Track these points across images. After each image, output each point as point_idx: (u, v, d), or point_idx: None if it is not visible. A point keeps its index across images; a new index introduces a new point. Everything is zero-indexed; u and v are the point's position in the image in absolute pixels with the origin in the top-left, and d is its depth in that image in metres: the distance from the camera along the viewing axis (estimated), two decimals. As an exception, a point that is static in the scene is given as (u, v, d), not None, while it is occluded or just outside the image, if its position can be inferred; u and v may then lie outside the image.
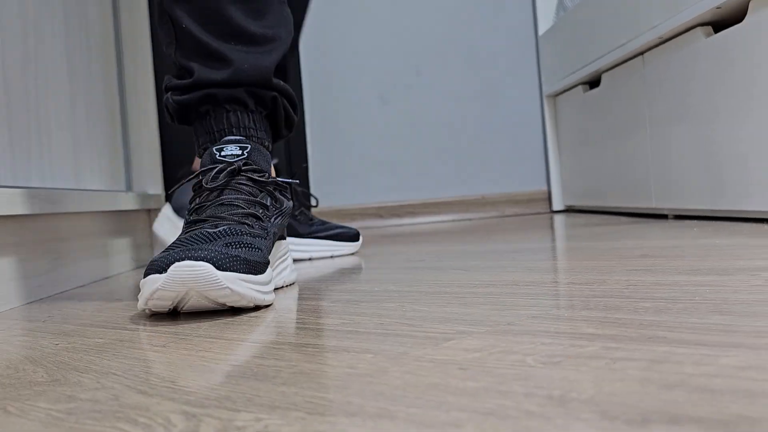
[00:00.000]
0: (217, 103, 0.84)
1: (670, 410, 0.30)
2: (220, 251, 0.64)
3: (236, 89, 0.84)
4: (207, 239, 0.67)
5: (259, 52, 0.86)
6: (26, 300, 0.90)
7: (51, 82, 1.11)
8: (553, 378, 0.36)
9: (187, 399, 0.38)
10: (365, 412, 0.33)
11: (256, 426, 0.33)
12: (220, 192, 0.76)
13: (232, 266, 0.64)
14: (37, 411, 0.39)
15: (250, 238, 0.71)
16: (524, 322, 0.51)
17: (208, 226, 0.71)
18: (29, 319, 0.75)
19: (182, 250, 0.64)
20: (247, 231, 0.72)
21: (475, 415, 0.31)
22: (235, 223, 0.72)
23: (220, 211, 0.74)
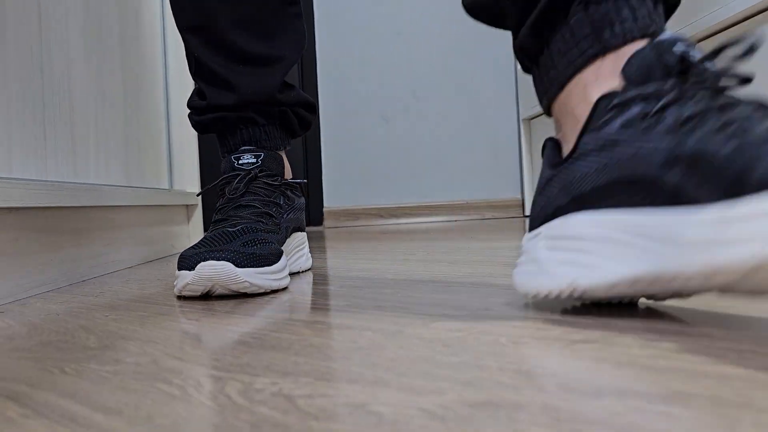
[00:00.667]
0: (229, 124, 0.82)
1: (619, 385, 0.30)
2: (238, 250, 0.64)
3: (244, 111, 0.81)
4: (227, 238, 0.67)
5: (265, 73, 0.81)
6: (82, 278, 0.90)
7: (108, 95, 1.11)
8: (522, 355, 0.36)
9: (214, 365, 0.38)
10: (364, 380, 0.33)
11: (272, 389, 0.33)
12: (240, 196, 0.76)
13: (249, 263, 0.64)
14: (88, 371, 0.39)
15: (264, 234, 0.70)
16: (499, 308, 0.51)
17: (228, 225, 0.71)
18: (84, 294, 0.75)
19: (206, 250, 0.64)
20: (262, 228, 0.72)
21: (456, 384, 0.31)
22: (252, 222, 0.72)
23: (239, 212, 0.74)
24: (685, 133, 0.38)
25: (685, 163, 0.37)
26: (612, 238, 0.41)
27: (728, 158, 0.34)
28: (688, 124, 0.38)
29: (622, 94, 0.43)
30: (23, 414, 0.31)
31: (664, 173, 0.38)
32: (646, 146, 0.40)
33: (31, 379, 0.38)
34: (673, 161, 0.38)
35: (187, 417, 0.29)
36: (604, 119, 0.44)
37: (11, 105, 0.77)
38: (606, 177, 0.43)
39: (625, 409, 0.27)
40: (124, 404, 0.32)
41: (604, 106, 0.44)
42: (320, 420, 0.28)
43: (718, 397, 0.27)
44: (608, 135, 0.43)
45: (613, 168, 0.42)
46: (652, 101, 0.41)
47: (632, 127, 0.41)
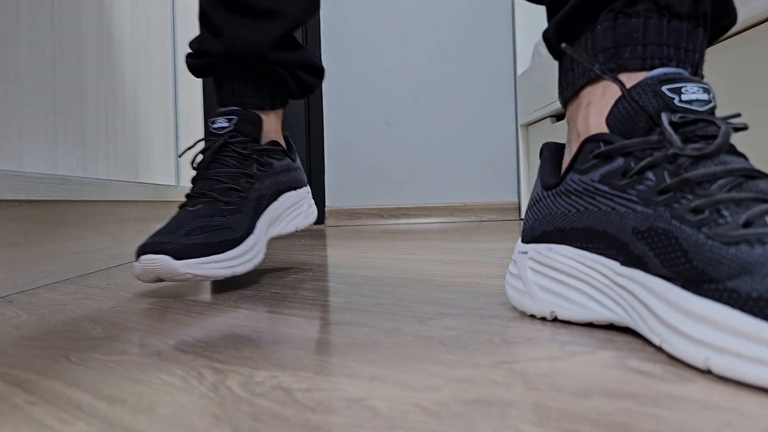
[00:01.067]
0: (217, 73, 0.76)
1: (609, 386, 0.30)
2: (179, 242, 0.62)
3: (231, 61, 0.74)
4: (181, 223, 0.65)
5: (259, 26, 0.74)
6: (89, 270, 0.90)
7: (118, 93, 1.11)
8: (515, 355, 0.36)
9: (216, 357, 0.38)
10: (361, 375, 0.33)
11: (272, 382, 0.33)
12: (206, 168, 0.71)
13: (190, 254, 0.62)
14: (93, 361, 0.39)
15: (220, 218, 0.67)
16: (494, 308, 0.51)
17: (191, 203, 0.68)
18: (91, 286, 0.75)
19: (154, 240, 0.62)
20: (220, 210, 0.68)
21: (450, 381, 0.31)
22: (211, 201, 0.68)
23: (206, 186, 0.69)
24: (659, 207, 0.36)
25: (653, 238, 0.36)
26: (590, 281, 0.42)
27: (694, 249, 0.33)
28: (663, 196, 0.36)
29: (604, 144, 0.41)
30: (29, 401, 0.31)
31: (633, 241, 0.37)
32: (622, 207, 0.39)
33: (37, 368, 0.38)
34: (644, 233, 0.36)
35: (189, 407, 0.29)
36: (587, 166, 0.42)
37: (23, 101, 0.77)
38: (584, 222, 0.42)
39: (614, 410, 0.27)
40: (128, 393, 0.32)
41: (588, 151, 0.42)
42: (317, 413, 0.28)
43: (707, 401, 0.27)
44: (589, 183, 0.42)
45: (591, 216, 0.41)
46: (631, 159, 0.39)
47: (611, 181, 0.40)
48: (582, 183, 0.42)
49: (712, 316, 0.30)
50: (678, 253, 0.34)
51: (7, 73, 0.75)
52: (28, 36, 0.79)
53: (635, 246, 0.37)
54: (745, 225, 0.32)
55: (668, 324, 0.33)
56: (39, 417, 0.29)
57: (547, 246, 0.45)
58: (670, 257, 0.34)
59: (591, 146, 0.42)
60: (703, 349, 0.31)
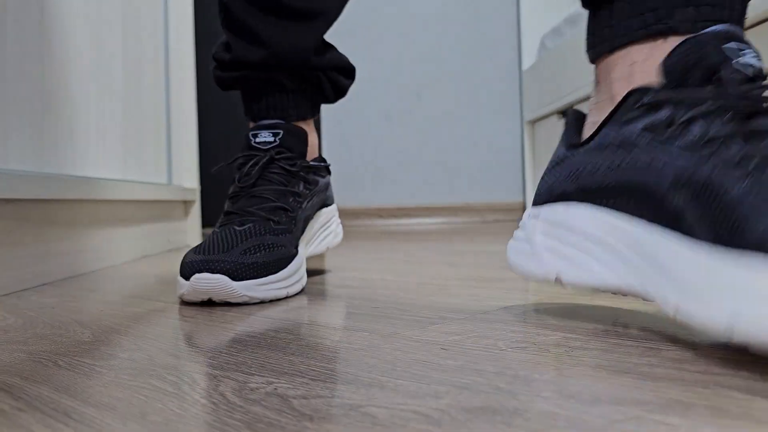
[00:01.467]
0: (253, 86, 0.71)
1: (617, 392, 0.30)
2: (237, 261, 0.59)
3: (273, 71, 0.69)
4: (231, 242, 0.61)
5: (301, 30, 0.70)
6: (78, 272, 0.90)
7: (108, 89, 1.11)
8: (520, 360, 0.36)
9: (209, 362, 0.38)
10: (359, 381, 0.33)
11: (267, 388, 0.33)
12: (252, 185, 0.67)
13: (248, 274, 0.59)
14: (82, 365, 0.39)
15: (273, 237, 0.64)
16: (498, 312, 0.51)
17: (236, 222, 0.64)
18: (79, 288, 0.76)
19: (204, 258, 0.59)
20: (272, 228, 0.64)
21: (453, 388, 0.31)
22: (262, 220, 0.64)
23: (251, 204, 0.65)
24: (704, 157, 0.36)
25: (694, 189, 0.35)
26: (606, 242, 0.41)
27: (734, 201, 0.33)
28: (709, 146, 0.36)
29: (654, 93, 0.40)
30: (16, 407, 0.31)
31: (672, 194, 0.37)
32: (662, 159, 0.38)
33: (24, 372, 0.38)
34: (684, 184, 0.36)
35: (181, 414, 0.29)
36: (629, 116, 0.41)
37: (9, 96, 0.77)
38: (616, 177, 0.41)
39: (623, 417, 0.27)
40: (118, 399, 0.32)
41: (633, 101, 0.41)
42: (315, 421, 0.28)
43: (717, 408, 0.27)
44: (629, 134, 0.41)
45: (625, 171, 0.41)
46: (681, 109, 0.38)
47: (654, 132, 0.39)
48: (619, 136, 0.41)
49: (742, 275, 0.29)
50: (718, 206, 0.33)
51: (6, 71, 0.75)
52: (15, 32, 0.79)
53: (673, 199, 0.36)
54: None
55: (689, 285, 0.33)
56: (26, 423, 0.29)
57: (565, 204, 0.45)
58: (707, 211, 0.34)
59: (637, 96, 0.41)
60: (728, 312, 0.29)
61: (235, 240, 0.62)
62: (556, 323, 0.46)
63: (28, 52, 0.82)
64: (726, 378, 0.31)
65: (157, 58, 1.44)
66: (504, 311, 0.51)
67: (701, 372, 0.33)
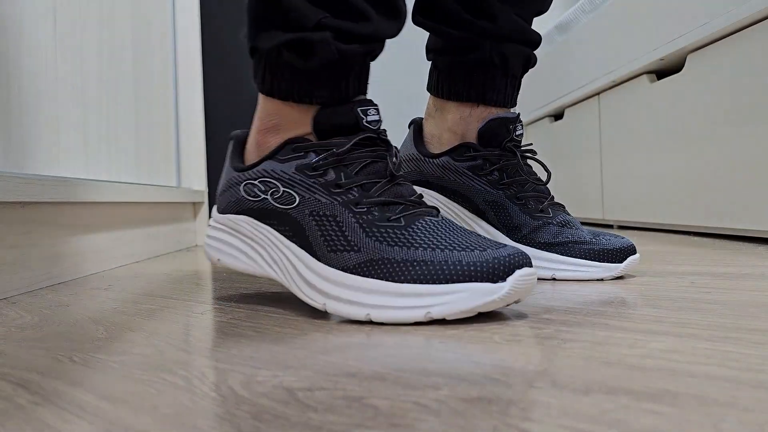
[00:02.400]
0: (368, 61, 0.55)
1: (608, 383, 0.30)
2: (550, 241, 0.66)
3: (384, 43, 0.55)
4: (468, 232, 0.50)
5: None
6: (91, 272, 0.90)
7: (119, 94, 1.11)
8: (515, 353, 0.36)
9: (218, 357, 0.38)
10: (361, 374, 0.33)
11: (273, 381, 0.33)
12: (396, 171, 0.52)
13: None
14: (96, 361, 0.39)
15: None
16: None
17: (431, 213, 0.50)
18: (92, 287, 0.76)
19: (517, 250, 0.46)
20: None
21: (451, 380, 0.31)
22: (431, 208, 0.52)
23: (407, 193, 0.52)
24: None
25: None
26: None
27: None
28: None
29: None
30: (33, 401, 0.31)
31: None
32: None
33: (40, 368, 0.38)
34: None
35: (191, 407, 0.29)
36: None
37: (24, 103, 0.77)
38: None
39: (614, 406, 0.27)
40: (130, 393, 0.32)
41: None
42: (319, 412, 0.28)
43: (704, 397, 0.27)
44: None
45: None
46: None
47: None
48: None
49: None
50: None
51: (9, 77, 0.75)
52: (29, 39, 0.79)
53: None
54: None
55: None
56: (42, 417, 0.29)
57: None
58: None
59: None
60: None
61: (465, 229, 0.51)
62: (548, 317, 0.46)
63: (42, 61, 0.82)
64: (713, 368, 0.31)
65: (166, 66, 1.44)
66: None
67: (689, 362, 0.33)
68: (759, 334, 0.38)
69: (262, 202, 0.53)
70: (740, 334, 0.39)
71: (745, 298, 0.51)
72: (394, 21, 0.53)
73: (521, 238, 0.67)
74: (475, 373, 0.32)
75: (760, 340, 0.37)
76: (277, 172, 0.52)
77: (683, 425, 0.24)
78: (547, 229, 0.67)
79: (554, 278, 0.64)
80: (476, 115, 0.71)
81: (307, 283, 0.49)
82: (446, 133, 0.72)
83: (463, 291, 0.44)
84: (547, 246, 0.66)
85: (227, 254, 0.56)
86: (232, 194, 0.56)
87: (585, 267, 0.64)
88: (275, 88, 0.53)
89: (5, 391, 0.33)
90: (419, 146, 0.74)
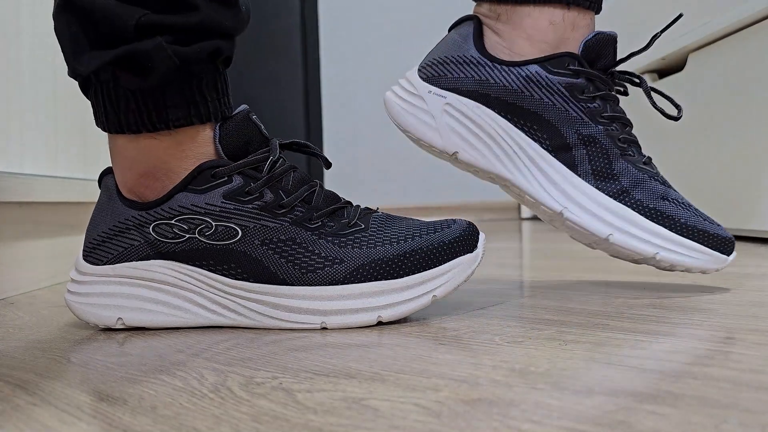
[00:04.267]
0: (224, 64, 0.48)
1: (609, 384, 0.30)
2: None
3: (232, 42, 0.48)
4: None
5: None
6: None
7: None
8: (516, 354, 0.36)
9: (217, 359, 0.38)
10: (361, 375, 0.33)
11: (273, 383, 0.33)
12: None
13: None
14: (95, 362, 0.39)
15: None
16: (494, 307, 0.51)
17: (369, 210, 0.52)
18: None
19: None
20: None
21: (451, 381, 0.31)
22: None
23: (333, 194, 0.51)
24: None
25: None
26: (504, 144, 0.54)
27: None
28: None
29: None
30: (31, 402, 0.31)
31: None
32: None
33: (39, 369, 0.38)
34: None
35: (190, 408, 0.29)
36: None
37: (24, 104, 0.77)
38: (526, 104, 0.53)
39: (615, 408, 0.27)
40: (129, 395, 0.32)
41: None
42: (318, 414, 0.28)
43: (706, 398, 0.27)
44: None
45: (533, 103, 0.53)
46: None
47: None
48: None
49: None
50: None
51: (8, 75, 0.75)
52: (28, 37, 0.79)
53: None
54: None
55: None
56: (41, 418, 0.29)
57: (475, 104, 0.54)
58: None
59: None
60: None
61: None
62: (550, 318, 0.46)
63: (41, 59, 0.82)
64: (715, 369, 0.31)
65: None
66: (500, 307, 0.51)
67: (690, 363, 0.33)
68: (760, 335, 0.38)
69: (188, 243, 0.45)
70: (742, 334, 0.39)
71: (746, 298, 0.51)
72: (227, 8, 0.46)
73: (616, 193, 0.51)
74: (475, 375, 0.32)
75: (761, 340, 0.37)
76: (199, 206, 0.45)
77: (685, 426, 0.24)
78: (650, 185, 0.52)
79: (656, 257, 0.51)
80: (570, 21, 0.54)
81: (291, 309, 0.45)
82: (523, 42, 0.54)
83: (456, 266, 0.47)
84: (651, 212, 0.51)
85: (134, 310, 0.47)
86: (131, 239, 0.47)
87: (696, 253, 0.51)
88: (123, 122, 0.46)
89: (3, 391, 0.33)
90: (482, 49, 0.55)
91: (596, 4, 0.55)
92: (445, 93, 0.55)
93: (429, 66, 0.57)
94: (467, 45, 0.56)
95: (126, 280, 0.47)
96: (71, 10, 0.44)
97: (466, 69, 0.55)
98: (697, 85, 1.15)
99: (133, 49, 0.43)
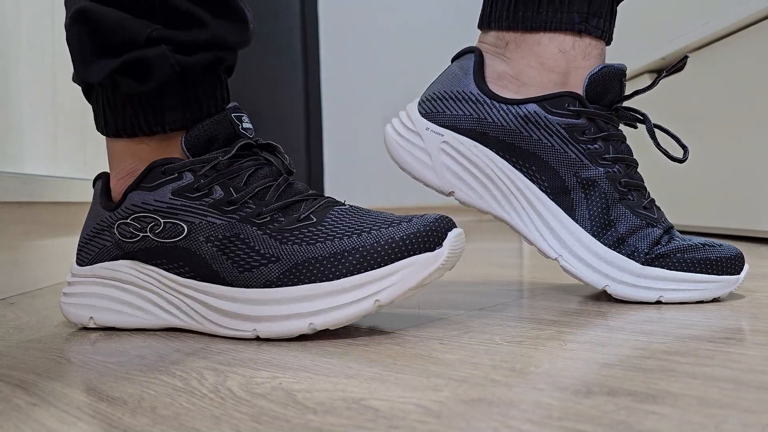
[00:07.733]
0: (226, 72, 0.49)
1: (609, 384, 0.30)
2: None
3: (235, 53, 0.50)
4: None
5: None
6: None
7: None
8: (516, 354, 0.36)
9: (217, 359, 0.38)
10: (361, 375, 0.33)
11: (272, 383, 0.33)
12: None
13: None
14: (94, 362, 0.39)
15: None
16: (494, 308, 0.51)
17: (339, 203, 0.49)
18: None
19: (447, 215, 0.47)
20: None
21: (451, 381, 0.31)
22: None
23: (301, 189, 0.48)
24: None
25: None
26: (500, 184, 0.53)
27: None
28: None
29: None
30: (31, 402, 0.31)
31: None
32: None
33: (39, 369, 0.38)
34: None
35: (190, 408, 0.29)
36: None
37: (24, 104, 0.77)
38: (525, 145, 0.52)
39: (615, 408, 0.27)
40: (129, 395, 0.32)
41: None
42: (318, 413, 0.28)
43: (706, 398, 0.27)
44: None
45: (530, 144, 0.52)
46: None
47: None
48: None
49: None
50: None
51: (8, 75, 0.75)
52: (28, 37, 0.79)
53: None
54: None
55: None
56: (40, 418, 0.29)
57: (472, 142, 0.53)
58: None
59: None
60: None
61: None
62: (550, 318, 0.46)
63: (40, 60, 0.82)
64: (715, 369, 0.31)
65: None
66: (500, 307, 0.51)
67: (690, 363, 0.33)
68: (761, 335, 0.38)
69: (143, 241, 0.45)
70: (742, 335, 0.39)
71: (747, 299, 0.51)
72: (235, 25, 0.47)
73: (613, 242, 0.49)
74: (475, 375, 0.32)
75: (761, 341, 0.37)
76: (149, 203, 0.44)
77: (685, 426, 0.24)
78: (647, 232, 0.50)
79: (661, 299, 0.49)
80: (581, 49, 0.52)
81: (225, 314, 0.43)
82: (531, 71, 0.52)
83: (406, 267, 0.41)
84: (648, 258, 0.49)
85: (103, 310, 0.47)
86: (104, 240, 0.47)
87: (702, 284, 0.48)
88: (120, 126, 0.47)
89: (3, 392, 0.33)
90: (483, 85, 0.53)
91: (608, 34, 0.53)
92: (443, 131, 0.54)
93: (428, 101, 0.57)
94: (467, 80, 0.54)
95: (99, 281, 0.48)
96: (84, 22, 0.45)
97: (465, 106, 0.53)
98: (697, 86, 1.15)
99: (138, 55, 0.44)
